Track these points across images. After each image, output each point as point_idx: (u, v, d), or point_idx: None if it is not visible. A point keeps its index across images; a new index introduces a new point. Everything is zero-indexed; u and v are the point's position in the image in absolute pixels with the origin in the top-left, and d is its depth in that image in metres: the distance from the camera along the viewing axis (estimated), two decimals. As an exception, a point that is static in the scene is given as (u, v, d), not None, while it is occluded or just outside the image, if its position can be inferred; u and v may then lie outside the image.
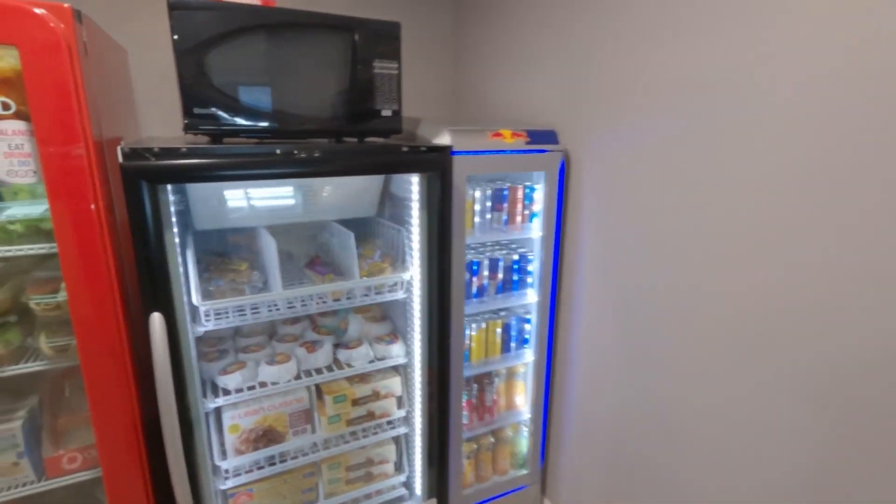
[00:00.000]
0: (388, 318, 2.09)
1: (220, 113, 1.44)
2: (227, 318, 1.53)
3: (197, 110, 1.41)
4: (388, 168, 1.56)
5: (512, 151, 1.88)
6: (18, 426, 1.51)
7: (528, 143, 1.92)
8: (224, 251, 1.90)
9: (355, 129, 1.63)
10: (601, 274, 1.94)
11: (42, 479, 1.55)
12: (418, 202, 1.71)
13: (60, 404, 1.72)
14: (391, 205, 1.95)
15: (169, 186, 1.33)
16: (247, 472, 1.73)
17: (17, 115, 1.23)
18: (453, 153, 1.64)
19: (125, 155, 1.23)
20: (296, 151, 1.41)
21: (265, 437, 1.75)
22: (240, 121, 1.46)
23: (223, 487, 1.67)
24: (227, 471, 1.70)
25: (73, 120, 1.20)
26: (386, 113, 1.68)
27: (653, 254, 1.69)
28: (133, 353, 1.43)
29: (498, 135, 1.86)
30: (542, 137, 1.96)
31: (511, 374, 2.36)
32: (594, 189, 1.92)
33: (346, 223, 2.07)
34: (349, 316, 2.02)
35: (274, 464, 1.78)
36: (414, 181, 1.70)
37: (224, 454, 1.68)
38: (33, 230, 1.36)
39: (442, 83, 2.74)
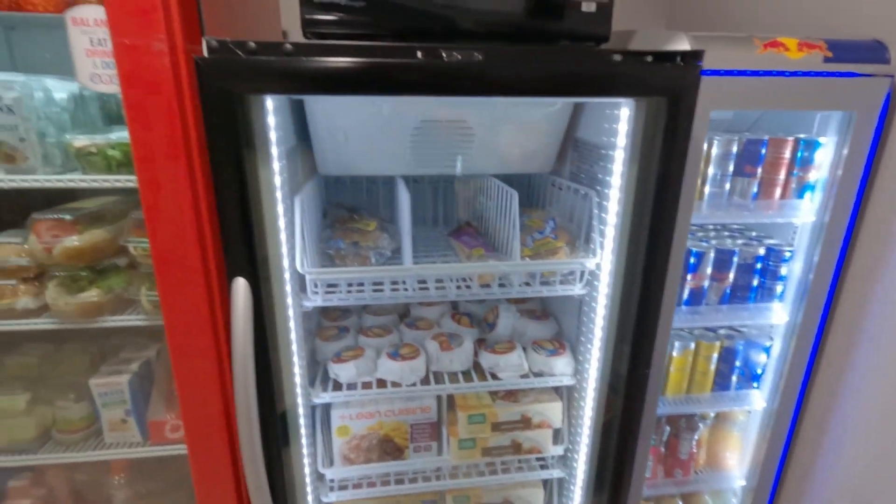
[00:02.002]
0: (553, 316, 1.52)
1: (353, 3, 1.00)
2: (339, 293, 1.14)
3: (319, -2, 0.98)
4: (591, 86, 0.96)
5: (799, 73, 1.12)
6: (126, 381, 1.34)
7: (826, 60, 1.13)
8: (357, 205, 1.53)
9: (539, 31, 1.06)
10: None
11: (147, 443, 1.39)
12: (625, 151, 1.08)
13: (179, 360, 1.56)
14: (576, 157, 1.35)
15: (269, 104, 0.94)
16: (355, 486, 1.37)
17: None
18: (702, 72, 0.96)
19: (210, 49, 0.86)
20: (447, 54, 0.90)
21: (380, 448, 1.36)
22: (379, 17, 1.01)
23: (326, 501, 1.33)
24: (332, 480, 1.36)
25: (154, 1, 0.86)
26: (587, 7, 1.08)
27: None
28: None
29: (774, 45, 1.11)
30: (853, 52, 1.15)
31: (722, 421, 1.63)
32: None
33: (511, 181, 1.54)
34: (500, 305, 1.50)
35: (388, 483, 1.38)
36: (623, 117, 1.07)
37: (330, 461, 1.34)
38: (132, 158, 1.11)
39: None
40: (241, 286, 0.94)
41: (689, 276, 1.39)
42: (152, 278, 1.22)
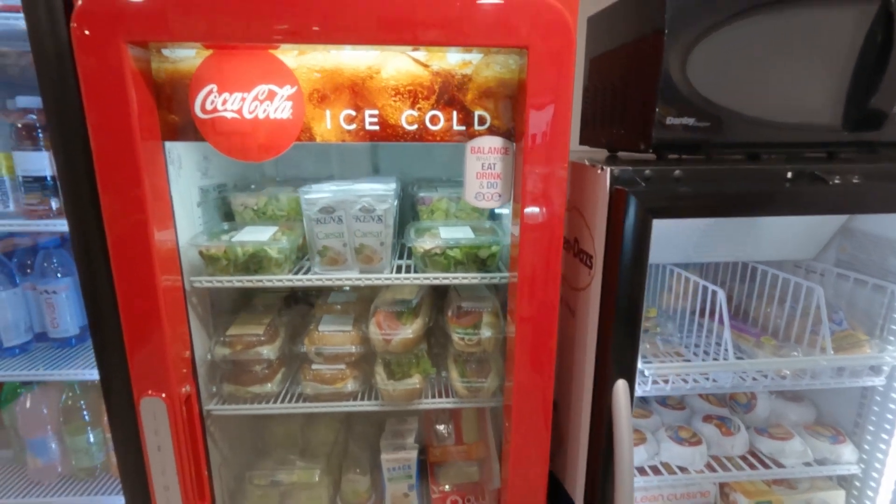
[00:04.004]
0: (807, 398, 1.53)
1: (694, 123, 1.10)
2: (666, 384, 1.19)
3: (671, 121, 1.09)
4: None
5: None
6: (414, 457, 1.43)
7: None
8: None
9: (859, 141, 1.13)
10: None
11: (425, 516, 1.45)
12: (956, 252, 1.12)
13: (430, 430, 1.64)
14: (851, 245, 1.39)
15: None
16: (633, 569, 1.39)
17: (490, 131, 1.08)
18: None
19: (616, 179, 0.96)
20: (826, 177, 0.97)
21: (658, 531, 1.38)
22: (711, 133, 1.10)
23: (609, 584, 1.35)
24: (613, 563, 1.38)
25: (567, 135, 0.98)
26: (902, 116, 1.14)
27: None
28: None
29: None
30: None
31: None
32: None
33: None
34: (753, 387, 1.52)
35: (663, 567, 1.39)
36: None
37: (613, 542, 1.36)
38: (471, 257, 1.22)
39: None
40: (621, 387, 1.01)
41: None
42: (463, 364, 1.32)
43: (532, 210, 1.01)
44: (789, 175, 1.00)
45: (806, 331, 1.27)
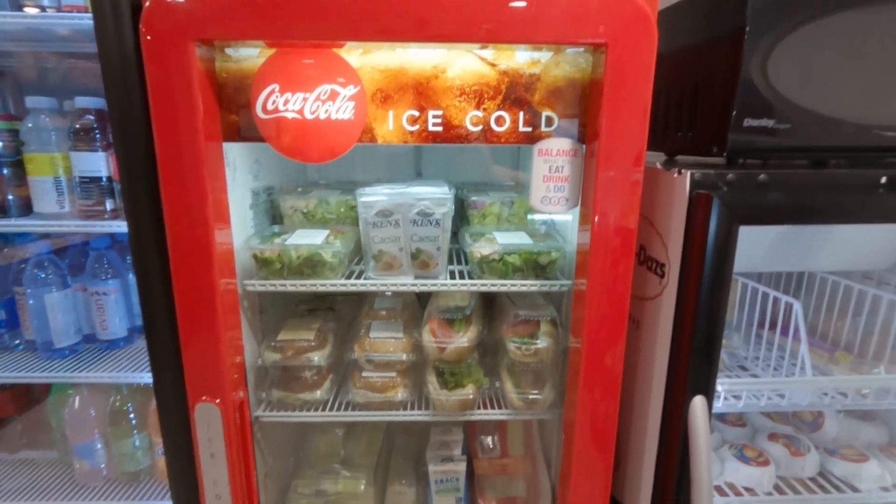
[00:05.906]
0: (879, 418, 1.44)
1: (774, 125, 1.04)
2: (739, 400, 1.13)
3: (748, 123, 1.03)
4: None
5: None
6: (462, 469, 1.38)
7: None
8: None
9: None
10: None
11: (473, 533, 1.40)
12: None
13: (474, 442, 1.59)
14: (931, 257, 1.31)
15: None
16: None
17: (558, 132, 1.03)
18: None
19: (697, 183, 0.91)
20: (926, 181, 0.91)
21: (722, 556, 1.30)
22: (790, 136, 1.04)
23: None
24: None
25: (644, 138, 0.94)
26: None
27: None
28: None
29: None
30: None
31: None
32: None
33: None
34: (820, 404, 1.44)
35: None
36: None
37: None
38: (530, 264, 1.18)
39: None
40: (699, 404, 0.95)
41: None
42: (518, 375, 1.27)
43: (604, 215, 0.97)
44: (883, 180, 0.93)
45: (887, 346, 1.19)
